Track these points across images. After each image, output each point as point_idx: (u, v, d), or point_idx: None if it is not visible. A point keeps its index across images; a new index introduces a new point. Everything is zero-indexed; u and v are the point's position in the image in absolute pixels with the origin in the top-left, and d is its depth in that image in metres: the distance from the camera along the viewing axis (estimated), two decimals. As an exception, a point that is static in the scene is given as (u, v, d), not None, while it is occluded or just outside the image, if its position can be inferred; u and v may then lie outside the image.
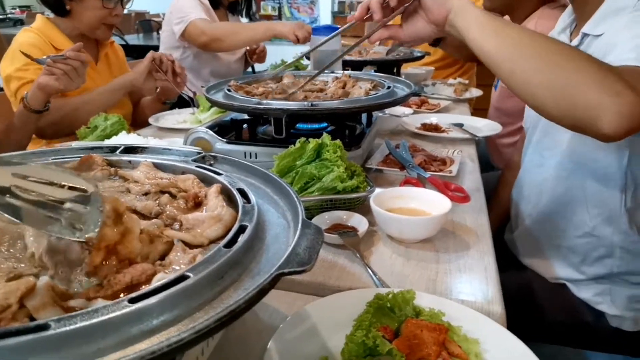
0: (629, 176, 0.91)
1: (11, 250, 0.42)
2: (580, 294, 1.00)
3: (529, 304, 1.05)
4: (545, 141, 1.05)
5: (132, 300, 0.32)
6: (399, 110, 1.46)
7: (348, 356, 0.46)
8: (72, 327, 0.29)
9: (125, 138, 1.00)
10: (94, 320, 0.30)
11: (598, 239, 0.97)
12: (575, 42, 0.96)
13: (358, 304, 0.53)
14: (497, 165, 1.78)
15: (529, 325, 1.03)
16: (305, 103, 0.94)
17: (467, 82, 1.87)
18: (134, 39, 4.43)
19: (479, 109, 2.15)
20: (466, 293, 0.62)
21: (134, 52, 4.11)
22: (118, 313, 0.31)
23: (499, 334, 0.51)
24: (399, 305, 0.52)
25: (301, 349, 0.49)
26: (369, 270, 0.65)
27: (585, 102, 0.64)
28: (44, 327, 0.29)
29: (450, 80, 1.92)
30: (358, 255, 0.69)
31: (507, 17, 1.63)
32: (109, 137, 1.06)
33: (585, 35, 0.93)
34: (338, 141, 0.84)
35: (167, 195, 0.53)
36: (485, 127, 1.34)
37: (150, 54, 1.43)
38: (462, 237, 0.76)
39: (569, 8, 1.04)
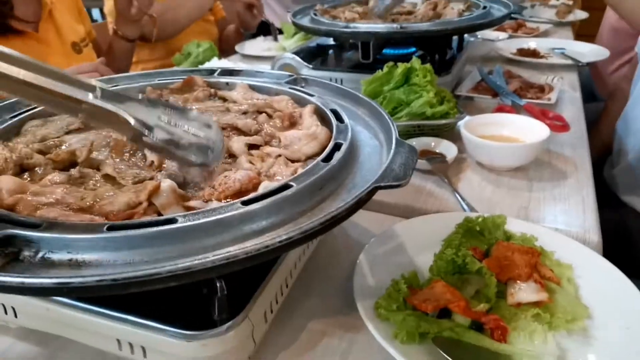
0: None
1: (132, 159, 0.47)
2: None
3: (626, 242, 0.99)
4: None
5: (244, 203, 0.35)
6: (492, 34, 1.36)
7: (437, 272, 0.47)
8: (195, 222, 0.33)
9: (217, 63, 1.04)
10: (213, 218, 0.33)
11: None
12: None
13: (446, 226, 0.53)
14: (602, 95, 1.62)
15: (626, 263, 0.98)
16: (395, 25, 0.90)
17: (571, 3, 1.67)
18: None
19: (585, 34, 1.94)
20: (561, 222, 0.60)
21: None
22: (233, 212, 0.34)
23: (593, 260, 0.50)
24: (489, 229, 0.52)
25: (390, 262, 0.51)
26: (458, 196, 0.65)
27: None
28: (172, 220, 0.33)
29: (553, 1, 1.73)
30: (446, 180, 0.68)
31: None
32: (202, 63, 1.10)
33: None
34: (428, 65, 0.81)
35: (264, 114, 0.56)
36: (591, 52, 1.21)
37: None
38: (558, 167, 0.72)
39: None
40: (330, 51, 1.11)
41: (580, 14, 1.65)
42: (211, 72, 0.68)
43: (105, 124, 0.43)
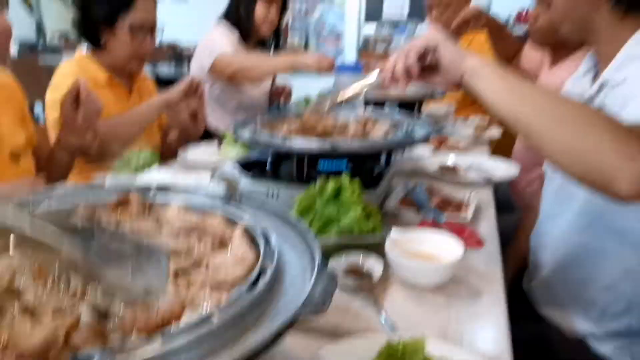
0: None
1: (56, 286, 0.46)
2: (600, 349, 0.98)
3: (547, 354, 1.03)
4: (563, 191, 1.06)
5: (162, 338, 0.36)
6: (417, 150, 1.49)
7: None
8: (112, 362, 0.33)
9: (156, 173, 1.06)
10: (130, 357, 0.34)
11: (617, 293, 0.96)
12: (594, 89, 0.97)
13: (370, 349, 0.56)
14: (519, 207, 1.78)
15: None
16: (327, 143, 0.98)
17: (487, 121, 1.89)
18: (165, 70, 4.62)
19: (502, 145, 2.17)
20: (478, 341, 0.63)
21: (165, 83, 4.29)
22: (150, 350, 0.35)
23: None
24: (409, 355, 0.55)
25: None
26: (382, 315, 0.68)
27: (600, 165, 0.66)
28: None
29: (471, 119, 1.95)
30: (372, 299, 0.71)
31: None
32: (141, 170, 1.12)
33: (604, 82, 0.94)
34: (357, 182, 0.87)
35: (195, 235, 0.58)
36: (503, 169, 1.36)
37: (190, 76, 1.50)
38: (474, 284, 0.78)
39: (592, 51, 1.06)
40: (269, 163, 1.17)
41: (496, 131, 1.86)
42: (147, 188, 0.70)
43: (36, 250, 0.43)
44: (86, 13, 1.51)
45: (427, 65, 0.84)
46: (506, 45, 1.87)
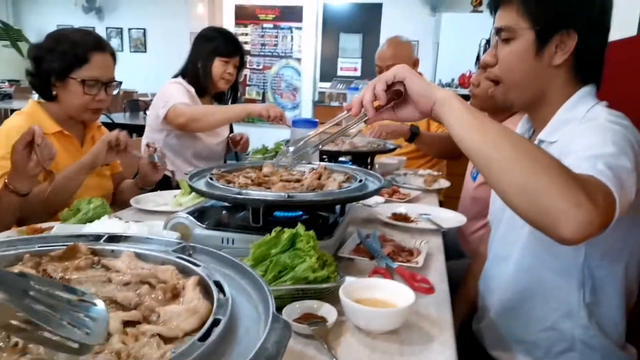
0: (586, 272, 0.97)
1: (-5, 339, 0.44)
2: (546, 387, 1.02)
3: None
4: (507, 236, 1.12)
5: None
6: (371, 199, 1.54)
7: None
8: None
9: (107, 222, 1.04)
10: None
11: (559, 333, 1.01)
12: None
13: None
14: (467, 254, 1.84)
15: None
16: (283, 194, 1.00)
17: (436, 173, 1.99)
18: (120, 118, 4.57)
19: (450, 196, 2.27)
20: (427, 386, 0.64)
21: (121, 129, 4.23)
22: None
23: None
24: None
25: None
26: (336, 362, 0.68)
27: (549, 208, 0.71)
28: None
29: (421, 171, 2.04)
30: (326, 346, 0.72)
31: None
32: (91, 220, 1.09)
33: (541, 141, 1.03)
34: (311, 232, 0.89)
35: (146, 285, 0.57)
36: (452, 218, 1.42)
37: (106, 136, 1.45)
38: (426, 330, 0.79)
39: (526, 116, 1.16)
40: (224, 212, 1.17)
41: (444, 183, 1.95)
42: (97, 237, 0.69)
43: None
44: (39, 65, 1.50)
45: (395, 101, 0.89)
46: None
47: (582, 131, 0.90)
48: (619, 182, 0.77)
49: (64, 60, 1.47)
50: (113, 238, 0.69)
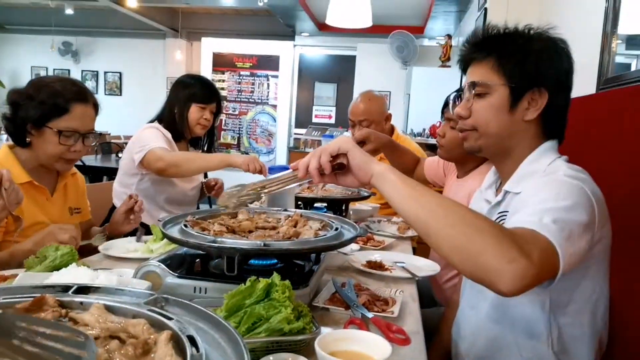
0: (552, 321, 0.99)
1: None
2: None
3: None
4: (477, 285, 1.14)
5: None
6: (346, 247, 1.54)
7: None
8: None
9: (74, 270, 1.00)
10: None
11: None
12: (499, 197, 1.10)
13: None
14: (440, 302, 1.84)
15: None
16: (259, 243, 0.99)
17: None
18: (92, 160, 4.50)
19: (423, 242, 2.28)
20: None
21: (90, 173, 4.16)
22: None
23: None
24: None
25: None
26: (311, 419, 0.66)
27: (485, 266, 0.77)
28: None
29: (394, 219, 2.06)
30: (301, 401, 0.69)
31: (454, 166, 1.85)
32: (58, 268, 1.05)
33: (507, 192, 1.08)
34: (287, 282, 0.88)
35: (116, 341, 0.55)
36: (425, 266, 1.43)
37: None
38: (402, 382, 0.78)
39: (494, 167, 1.21)
40: (197, 260, 1.15)
41: (417, 230, 1.97)
42: (66, 288, 0.67)
43: None
44: (16, 110, 1.46)
45: (340, 168, 0.95)
46: (403, 159, 2.08)
47: (540, 185, 0.96)
48: (565, 234, 0.83)
49: (41, 109, 1.44)
50: (82, 289, 0.67)
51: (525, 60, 1.02)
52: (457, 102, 1.14)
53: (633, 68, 1.66)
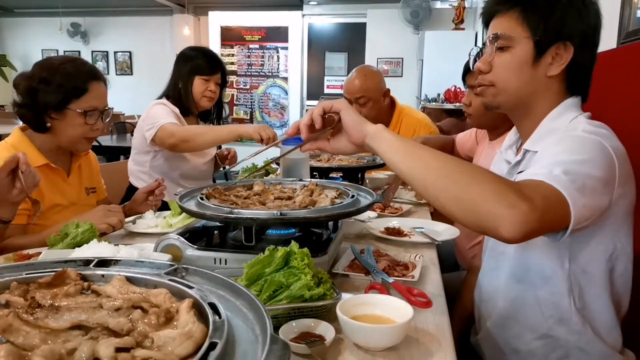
0: (573, 278, 0.98)
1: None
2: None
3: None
4: (496, 247, 1.13)
5: None
6: (363, 214, 1.53)
7: None
8: None
9: (96, 246, 1.01)
10: None
11: (554, 340, 1.01)
12: (519, 157, 1.08)
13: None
14: (463, 266, 1.84)
15: None
16: (275, 212, 0.99)
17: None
18: (107, 140, 4.54)
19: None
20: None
21: (107, 153, 4.20)
22: None
23: None
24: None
25: None
26: (336, 382, 0.66)
27: (486, 213, 0.76)
28: None
29: (411, 185, 2.04)
30: (324, 365, 0.70)
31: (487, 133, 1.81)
32: (79, 244, 1.07)
33: (526, 151, 1.05)
34: (305, 249, 0.88)
35: (139, 310, 0.55)
36: (445, 231, 1.41)
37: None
38: (425, 344, 0.78)
39: (514, 128, 1.18)
40: (216, 232, 1.15)
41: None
42: (87, 262, 0.67)
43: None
44: (33, 97, 1.44)
45: (329, 128, 0.95)
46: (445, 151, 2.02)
47: (556, 140, 0.93)
48: (578, 185, 0.81)
49: (62, 92, 1.43)
50: (103, 262, 0.67)
51: (552, 13, 0.97)
52: (478, 59, 1.10)
53: (657, 19, 1.58)
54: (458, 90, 4.40)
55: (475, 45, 4.35)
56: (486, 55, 1.05)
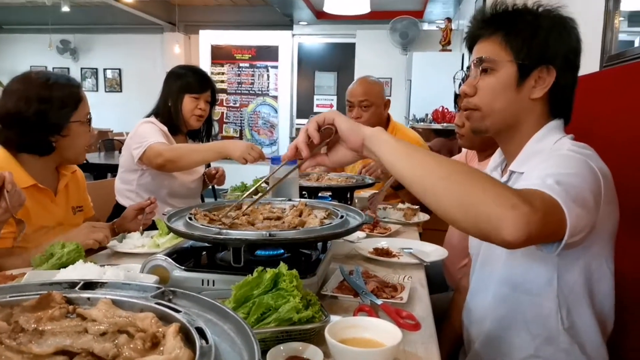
0: (560, 297, 0.99)
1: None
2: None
3: None
4: (484, 267, 1.14)
5: None
6: (352, 235, 1.53)
7: None
8: None
9: (82, 267, 1.00)
10: None
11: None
12: (505, 178, 1.09)
13: None
14: (451, 286, 1.84)
15: None
16: (264, 233, 0.99)
17: (416, 207, 2.00)
18: (95, 158, 4.50)
19: (429, 229, 2.28)
20: None
21: (94, 171, 4.16)
22: None
23: None
24: None
25: None
26: (324, 407, 0.66)
27: (487, 215, 0.75)
28: None
29: (400, 205, 2.05)
30: (313, 390, 0.69)
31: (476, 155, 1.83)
32: (65, 265, 1.05)
33: (512, 172, 1.07)
34: (294, 271, 0.88)
35: (125, 335, 0.54)
36: (433, 252, 1.42)
37: None
38: (414, 368, 0.78)
39: (499, 149, 1.20)
40: (204, 252, 1.14)
41: (423, 216, 1.96)
42: (73, 285, 0.66)
43: None
44: (41, 118, 1.41)
45: (327, 140, 0.94)
46: None
47: (544, 159, 0.96)
48: (571, 195, 0.82)
49: (66, 106, 1.44)
50: (89, 285, 0.67)
51: (534, 37, 1.01)
52: (463, 83, 1.12)
53: (636, 44, 1.64)
54: (445, 110, 4.46)
55: (462, 67, 4.44)
56: (471, 78, 1.07)
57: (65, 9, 7.04)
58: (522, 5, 1.04)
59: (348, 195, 1.96)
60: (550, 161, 0.92)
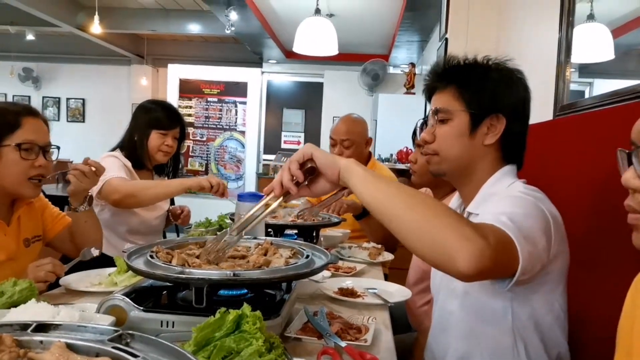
0: (516, 331, 1.02)
1: None
2: None
3: None
4: (445, 306, 1.16)
5: None
6: (317, 274, 1.53)
7: None
8: None
9: (34, 307, 0.95)
10: None
11: None
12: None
13: None
14: (414, 326, 1.84)
15: None
16: (228, 272, 0.97)
17: (380, 246, 2.02)
18: (52, 189, 4.33)
19: (394, 268, 2.30)
20: None
21: (52, 203, 3.99)
22: None
23: None
24: None
25: None
26: None
27: (444, 245, 0.79)
28: None
29: (365, 244, 2.07)
30: None
31: (430, 191, 1.88)
32: (16, 304, 0.99)
33: (469, 213, 1.12)
34: (258, 312, 0.86)
35: (79, 382, 0.52)
36: (397, 292, 1.43)
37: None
38: (377, 413, 0.77)
39: (457, 192, 1.25)
40: (164, 292, 1.11)
41: (388, 255, 1.98)
42: (24, 327, 0.63)
43: None
44: None
45: (310, 173, 0.97)
46: None
47: (498, 200, 1.02)
48: (523, 233, 0.88)
49: None
50: (42, 327, 0.63)
51: (483, 89, 1.09)
52: (424, 129, 1.18)
53: (587, 95, 1.75)
54: (409, 151, 4.59)
55: (425, 109, 4.61)
56: (429, 127, 1.15)
57: (30, 37, 6.94)
58: (473, 59, 1.13)
59: (314, 234, 1.96)
60: (504, 202, 0.99)
